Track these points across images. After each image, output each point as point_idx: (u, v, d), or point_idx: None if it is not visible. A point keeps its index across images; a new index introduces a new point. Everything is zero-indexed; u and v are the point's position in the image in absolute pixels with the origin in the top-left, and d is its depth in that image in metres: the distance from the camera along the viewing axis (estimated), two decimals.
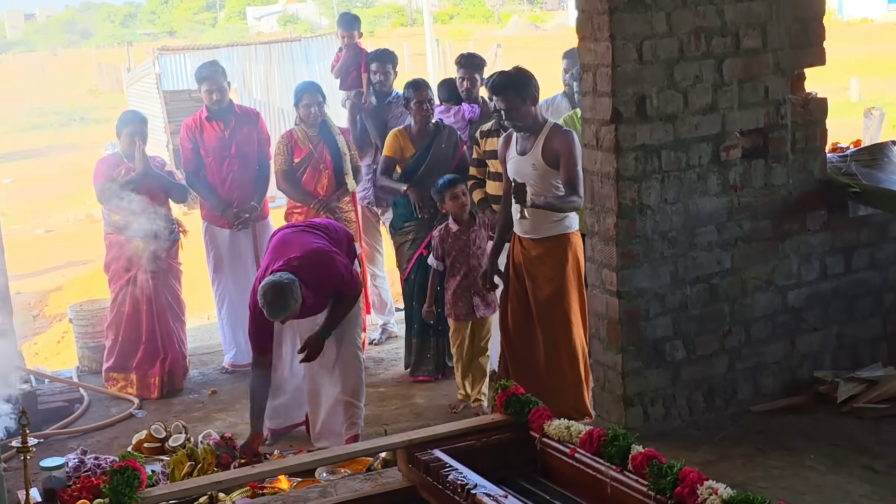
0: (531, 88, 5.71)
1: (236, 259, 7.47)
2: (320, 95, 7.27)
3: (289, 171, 7.26)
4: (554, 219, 5.75)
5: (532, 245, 5.83)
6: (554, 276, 5.77)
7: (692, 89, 5.12)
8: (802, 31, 5.35)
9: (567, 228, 5.77)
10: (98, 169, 7.15)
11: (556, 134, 5.69)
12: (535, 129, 5.74)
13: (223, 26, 59.90)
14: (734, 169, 5.25)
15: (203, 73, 7.42)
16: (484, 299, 6.38)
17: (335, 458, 5.00)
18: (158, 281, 7.14)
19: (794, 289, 5.47)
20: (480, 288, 6.26)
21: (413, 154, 7.05)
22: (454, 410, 6.50)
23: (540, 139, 5.71)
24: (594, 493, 4.11)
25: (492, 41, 32.05)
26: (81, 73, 42.74)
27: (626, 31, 4.95)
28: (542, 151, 5.69)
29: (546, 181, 5.69)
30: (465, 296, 6.41)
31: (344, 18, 8.45)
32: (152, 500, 4.21)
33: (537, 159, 5.70)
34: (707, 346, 5.28)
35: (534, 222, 5.76)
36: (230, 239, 7.44)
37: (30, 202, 19.45)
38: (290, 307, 5.46)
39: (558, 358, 5.81)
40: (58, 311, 12.33)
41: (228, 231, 7.42)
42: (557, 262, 5.77)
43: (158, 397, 7.09)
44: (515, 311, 5.94)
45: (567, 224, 5.76)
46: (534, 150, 5.72)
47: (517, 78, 5.73)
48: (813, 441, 4.98)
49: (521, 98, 5.67)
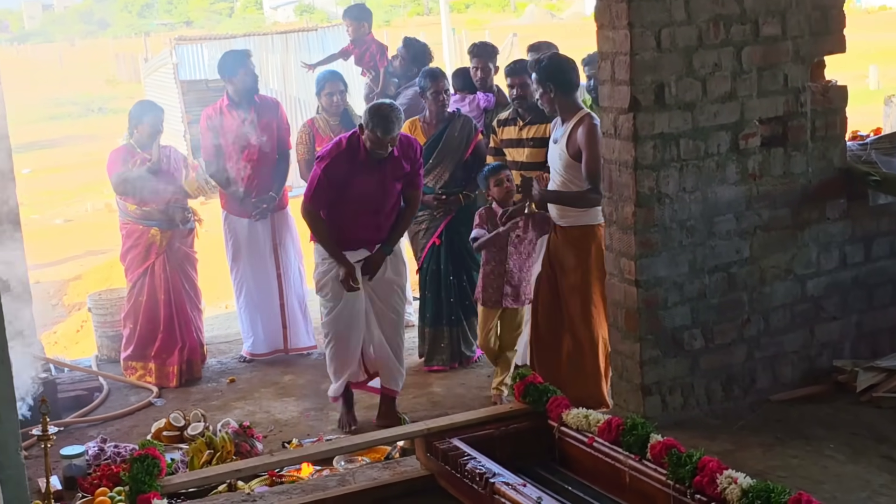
0: (557, 76, 5.70)
1: (255, 248, 7.48)
2: (342, 84, 7.27)
3: (311, 160, 7.26)
4: (579, 209, 5.74)
5: (562, 232, 5.85)
6: (577, 265, 5.77)
7: (711, 77, 5.10)
8: (822, 18, 5.31)
9: (593, 219, 5.73)
10: (112, 160, 7.16)
11: (581, 125, 5.67)
12: (565, 118, 5.74)
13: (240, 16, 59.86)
14: (753, 157, 5.23)
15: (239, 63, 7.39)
16: (514, 290, 6.35)
17: (353, 446, 5.02)
18: (175, 270, 7.16)
19: (813, 278, 5.45)
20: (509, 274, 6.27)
21: (425, 143, 7.05)
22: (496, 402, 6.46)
23: (567, 128, 5.71)
24: (612, 481, 4.11)
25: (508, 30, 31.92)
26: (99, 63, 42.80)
27: (644, 19, 4.93)
28: (567, 142, 5.68)
29: (571, 171, 5.69)
30: (496, 282, 6.38)
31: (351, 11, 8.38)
32: (172, 487, 4.23)
33: (563, 150, 5.71)
34: (725, 335, 5.27)
35: (561, 210, 5.77)
36: (249, 228, 7.45)
37: (48, 192, 19.54)
38: (399, 123, 5.83)
39: (579, 347, 5.81)
40: (77, 301, 12.37)
41: (247, 220, 7.42)
42: (582, 251, 5.76)
43: (177, 386, 7.12)
44: (545, 296, 5.96)
45: (594, 215, 5.72)
46: (562, 139, 5.73)
47: (547, 64, 5.74)
48: (832, 430, 4.97)
49: (542, 84, 5.70)
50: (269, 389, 6.99)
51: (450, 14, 25.53)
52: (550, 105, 5.77)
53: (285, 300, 7.54)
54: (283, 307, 7.54)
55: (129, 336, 7.25)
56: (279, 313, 7.55)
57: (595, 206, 5.56)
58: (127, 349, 7.25)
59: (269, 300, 7.52)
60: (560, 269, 5.87)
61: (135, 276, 7.18)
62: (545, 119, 6.28)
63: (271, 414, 6.51)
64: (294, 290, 7.60)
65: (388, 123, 5.73)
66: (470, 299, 7.09)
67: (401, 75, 7.84)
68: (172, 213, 7.09)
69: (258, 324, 7.55)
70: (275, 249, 7.45)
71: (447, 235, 7.04)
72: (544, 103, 5.82)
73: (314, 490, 4.61)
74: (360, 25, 8.08)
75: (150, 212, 7.06)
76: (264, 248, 7.48)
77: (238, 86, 7.33)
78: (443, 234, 7.04)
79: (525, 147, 6.49)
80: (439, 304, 7.07)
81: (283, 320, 7.57)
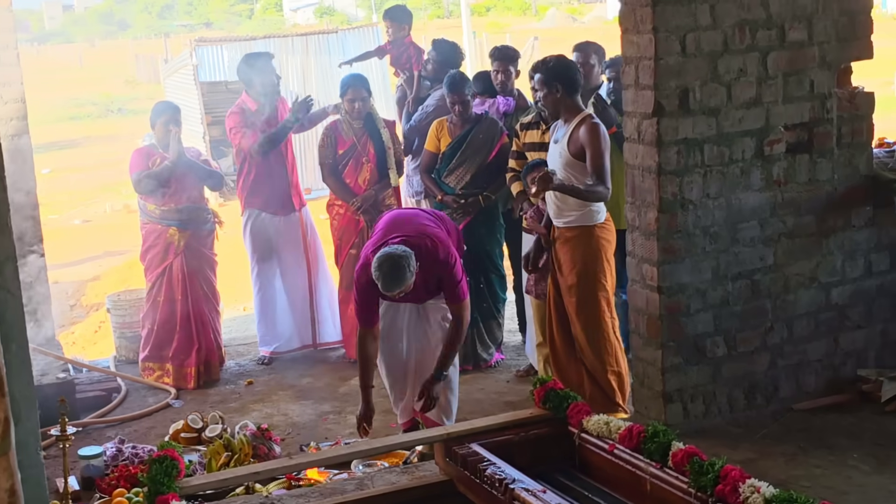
0: (565, 78, 5.67)
1: (286, 245, 7.50)
2: (365, 90, 7.23)
3: (333, 164, 7.25)
4: (578, 209, 5.70)
5: (559, 233, 5.83)
6: (574, 265, 5.74)
7: (736, 83, 5.06)
8: (849, 24, 5.27)
9: (590, 220, 5.70)
10: (133, 159, 7.16)
11: (583, 124, 5.64)
12: (567, 119, 5.71)
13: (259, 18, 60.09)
14: (778, 164, 5.19)
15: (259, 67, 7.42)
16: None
17: (372, 450, 4.99)
18: (193, 270, 7.16)
19: (837, 286, 5.40)
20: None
21: (449, 143, 7.03)
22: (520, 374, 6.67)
23: (569, 129, 5.69)
24: (633, 489, 4.07)
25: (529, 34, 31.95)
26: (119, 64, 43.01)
27: (669, 24, 4.90)
28: (569, 141, 5.66)
29: (570, 170, 5.65)
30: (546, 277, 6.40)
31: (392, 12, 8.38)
32: (190, 489, 4.21)
33: (563, 148, 5.68)
34: (748, 343, 5.23)
35: (558, 210, 5.74)
36: (279, 225, 7.46)
37: (68, 192, 19.60)
38: (405, 280, 5.21)
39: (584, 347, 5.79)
40: (95, 301, 12.39)
41: (279, 218, 7.44)
42: (578, 251, 5.72)
43: (195, 387, 7.11)
44: (553, 297, 5.94)
45: (590, 215, 5.68)
46: (563, 139, 5.70)
47: (553, 64, 5.71)
48: (856, 440, 4.92)
49: (548, 85, 5.66)
50: (286, 392, 6.97)
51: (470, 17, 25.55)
52: (554, 105, 5.73)
53: (315, 295, 7.54)
54: (312, 303, 7.55)
55: (146, 337, 7.25)
56: (308, 309, 7.56)
57: (603, 200, 5.53)
58: (144, 350, 7.25)
59: (300, 296, 7.54)
60: (559, 270, 5.86)
61: (153, 277, 7.18)
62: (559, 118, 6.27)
63: (289, 417, 6.49)
64: (324, 284, 7.61)
65: (387, 282, 5.22)
66: (488, 301, 7.06)
67: (433, 78, 7.82)
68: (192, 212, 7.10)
69: (288, 320, 7.56)
70: (305, 245, 7.47)
71: (466, 237, 7.01)
72: (547, 104, 5.76)
73: (332, 494, 4.58)
74: (401, 27, 8.06)
75: (168, 211, 7.05)
76: (296, 244, 7.50)
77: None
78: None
79: (547, 151, 6.44)
80: None
81: (313, 315, 7.57)
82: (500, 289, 7.22)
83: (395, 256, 5.21)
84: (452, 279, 5.51)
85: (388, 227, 5.62)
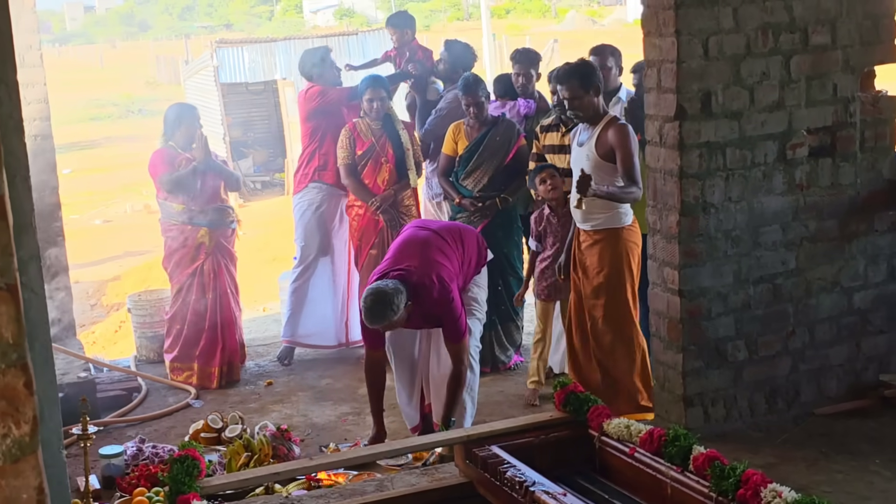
0: (594, 79, 5.68)
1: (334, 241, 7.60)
2: (384, 91, 7.25)
3: (352, 164, 7.26)
4: (605, 211, 5.70)
5: (585, 236, 5.82)
6: (601, 268, 5.73)
7: (759, 86, 5.04)
8: (873, 27, 5.24)
9: (618, 222, 5.70)
10: (155, 161, 7.15)
11: (611, 126, 5.64)
12: (594, 121, 5.71)
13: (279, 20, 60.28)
14: (800, 167, 5.17)
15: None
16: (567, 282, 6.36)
17: (391, 452, 5.00)
18: (222, 269, 7.21)
19: (860, 290, 5.37)
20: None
21: (467, 146, 7.04)
22: (531, 403, 6.47)
23: (596, 131, 5.68)
24: (654, 493, 4.06)
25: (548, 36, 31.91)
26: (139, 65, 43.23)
27: (691, 27, 4.89)
28: (597, 143, 5.66)
29: (599, 173, 5.65)
30: (548, 277, 6.42)
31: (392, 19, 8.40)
32: (210, 489, 4.22)
33: (591, 150, 5.68)
34: (770, 347, 5.21)
35: (585, 213, 5.74)
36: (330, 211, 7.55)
37: (88, 192, 19.71)
38: (387, 317, 5.30)
39: (605, 349, 5.79)
40: (115, 301, 12.46)
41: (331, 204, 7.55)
42: (606, 254, 5.72)
43: (217, 387, 7.13)
44: (575, 301, 5.94)
45: (618, 218, 5.69)
46: (589, 141, 5.70)
47: (582, 68, 5.72)
48: (878, 446, 4.89)
49: (584, 88, 5.65)
50: (306, 393, 6.99)
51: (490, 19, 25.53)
52: (589, 109, 5.72)
53: (351, 291, 7.58)
54: (348, 299, 7.59)
55: (175, 337, 7.25)
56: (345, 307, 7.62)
57: (637, 201, 5.53)
58: (173, 350, 7.25)
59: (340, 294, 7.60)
60: (583, 273, 5.85)
61: (182, 277, 7.18)
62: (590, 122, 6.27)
63: (308, 418, 6.51)
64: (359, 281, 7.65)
65: (368, 316, 5.33)
66: (506, 304, 7.06)
67: (445, 78, 7.83)
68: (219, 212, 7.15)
69: (329, 316, 7.59)
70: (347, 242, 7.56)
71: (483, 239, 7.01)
72: (586, 108, 5.74)
73: (352, 495, 4.59)
74: (403, 33, 8.09)
75: (197, 212, 7.09)
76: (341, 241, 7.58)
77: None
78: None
79: (567, 153, 6.44)
80: None
81: (348, 313, 7.61)
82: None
83: (380, 293, 5.28)
84: (450, 318, 5.55)
85: (399, 254, 5.68)
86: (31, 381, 1.70)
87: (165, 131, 7.19)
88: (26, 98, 7.31)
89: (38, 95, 7.51)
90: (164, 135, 7.20)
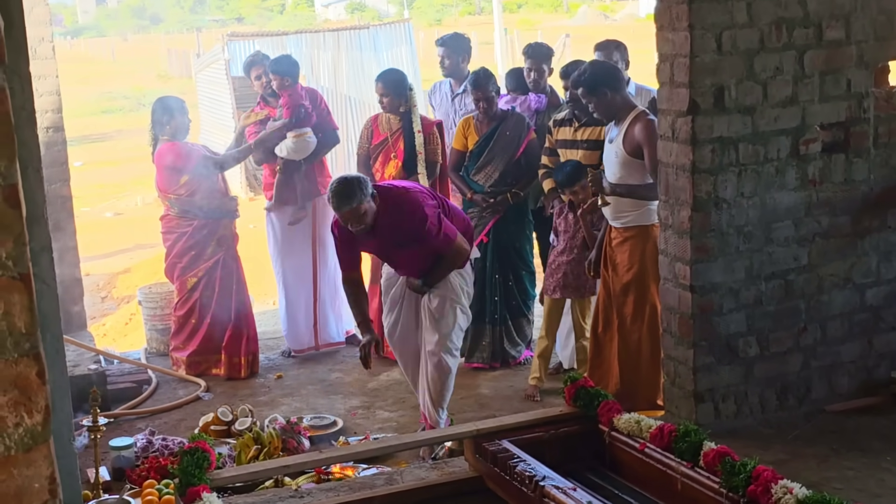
0: (607, 78, 5.68)
1: (293, 241, 7.50)
2: (391, 88, 7.13)
3: (365, 156, 7.26)
4: (635, 209, 5.69)
5: (615, 233, 5.82)
6: (631, 265, 5.73)
7: (772, 81, 5.02)
8: (888, 22, 5.22)
9: (648, 220, 5.69)
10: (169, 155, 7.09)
11: (638, 122, 5.63)
12: (621, 117, 5.70)
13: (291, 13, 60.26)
14: (813, 163, 5.15)
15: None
16: (576, 279, 6.38)
17: (401, 445, 5.01)
18: (240, 262, 7.27)
19: (872, 287, 5.35)
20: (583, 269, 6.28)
21: (477, 141, 7.02)
22: (532, 398, 6.47)
23: (623, 127, 5.67)
24: (664, 488, 4.05)
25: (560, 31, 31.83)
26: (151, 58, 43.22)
27: (705, 21, 4.87)
28: (624, 140, 5.65)
29: (627, 169, 5.64)
30: (557, 272, 6.41)
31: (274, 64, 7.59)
32: (220, 481, 4.24)
33: (619, 147, 5.67)
34: (781, 344, 5.19)
35: (614, 210, 5.74)
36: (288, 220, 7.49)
37: (99, 185, 19.73)
38: (356, 198, 5.26)
39: (629, 347, 5.78)
40: (126, 293, 12.47)
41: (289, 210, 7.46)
42: (636, 251, 5.72)
43: (246, 376, 7.15)
44: (604, 298, 5.94)
45: (648, 215, 5.68)
46: (617, 138, 5.69)
47: (591, 72, 5.72)
48: (889, 443, 4.87)
49: (595, 93, 5.66)
50: (316, 387, 6.99)
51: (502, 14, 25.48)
52: (608, 109, 5.71)
53: (318, 293, 7.55)
54: (315, 300, 7.56)
55: (191, 331, 7.25)
56: (313, 307, 7.58)
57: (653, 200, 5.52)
58: (189, 345, 7.25)
59: (307, 293, 7.56)
60: (613, 270, 5.84)
61: (202, 271, 7.17)
62: (600, 122, 6.25)
63: (318, 411, 6.50)
64: (328, 283, 7.59)
65: (337, 199, 5.31)
66: (517, 299, 7.06)
67: (454, 73, 7.80)
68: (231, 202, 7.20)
69: (298, 318, 7.58)
70: (313, 242, 7.47)
71: (494, 234, 7.01)
72: (600, 110, 5.75)
73: (361, 488, 4.59)
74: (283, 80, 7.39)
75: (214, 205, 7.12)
76: (303, 241, 7.51)
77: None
78: (490, 232, 7.00)
79: (579, 149, 6.43)
80: (482, 301, 7.02)
81: (315, 314, 7.59)
82: (530, 285, 7.21)
83: (348, 177, 5.39)
84: (428, 233, 5.45)
85: None
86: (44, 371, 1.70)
87: (154, 125, 7.13)
88: (38, 90, 7.31)
89: (50, 88, 7.52)
90: (152, 129, 7.14)
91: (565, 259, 6.38)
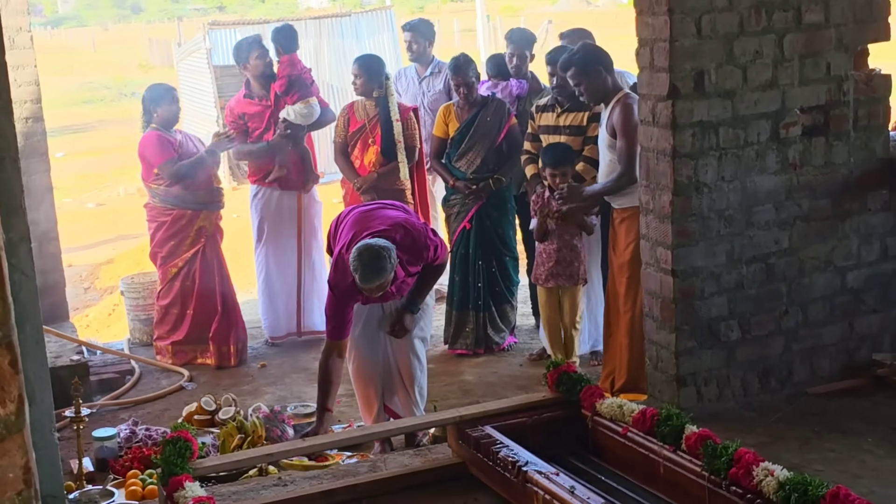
0: (604, 59, 5.72)
1: (279, 227, 7.48)
2: (365, 70, 7.15)
3: (343, 144, 7.26)
4: (629, 190, 5.70)
5: (616, 213, 5.87)
6: (627, 245, 5.75)
7: (752, 65, 5.03)
8: (866, 5, 5.23)
9: None
10: (150, 149, 7.06)
11: (617, 105, 5.66)
12: (609, 100, 5.73)
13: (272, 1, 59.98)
14: (794, 147, 5.16)
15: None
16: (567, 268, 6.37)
17: (384, 433, 5.00)
18: (223, 252, 7.25)
19: (853, 269, 5.37)
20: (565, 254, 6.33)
21: (458, 128, 7.02)
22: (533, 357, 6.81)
23: (608, 110, 5.70)
24: (646, 472, 4.07)
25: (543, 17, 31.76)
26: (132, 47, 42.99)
27: (684, 5, 4.87)
28: (608, 122, 5.68)
29: (613, 152, 5.68)
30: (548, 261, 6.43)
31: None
32: (203, 470, 4.22)
33: (603, 132, 5.71)
34: (763, 327, 5.21)
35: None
36: (276, 206, 7.45)
37: (81, 176, 19.62)
38: (387, 271, 4.88)
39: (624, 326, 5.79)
40: (108, 284, 12.42)
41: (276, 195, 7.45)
42: (631, 232, 5.73)
43: (236, 364, 7.14)
44: (610, 278, 5.99)
45: None
46: (603, 122, 5.72)
47: (584, 51, 5.74)
48: (870, 424, 4.90)
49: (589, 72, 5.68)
50: (300, 375, 6.98)
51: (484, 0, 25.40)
52: (598, 91, 5.73)
53: (302, 281, 7.54)
54: (300, 288, 7.54)
55: (175, 321, 7.23)
56: (296, 295, 7.56)
57: (632, 184, 5.51)
58: (173, 334, 7.23)
59: (289, 281, 7.54)
60: (613, 250, 5.88)
61: (182, 261, 7.15)
62: (583, 107, 6.26)
63: (302, 399, 6.49)
64: (314, 271, 7.58)
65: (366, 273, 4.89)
66: (500, 285, 7.07)
67: (421, 58, 7.84)
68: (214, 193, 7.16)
69: (278, 306, 7.57)
70: (299, 229, 7.46)
71: (477, 220, 7.02)
72: (591, 90, 5.76)
73: (345, 476, 4.59)
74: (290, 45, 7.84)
75: (199, 195, 7.09)
76: (289, 228, 7.49)
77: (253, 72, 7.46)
78: (473, 218, 7.01)
79: (561, 134, 6.44)
80: (466, 288, 7.04)
81: (299, 302, 7.57)
82: (514, 271, 7.21)
83: (375, 247, 4.90)
84: (435, 253, 5.31)
85: (356, 225, 5.28)
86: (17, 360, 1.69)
87: (145, 113, 7.15)
88: (16, 80, 7.27)
89: (29, 78, 7.47)
90: (144, 116, 7.16)
91: (554, 248, 6.35)
